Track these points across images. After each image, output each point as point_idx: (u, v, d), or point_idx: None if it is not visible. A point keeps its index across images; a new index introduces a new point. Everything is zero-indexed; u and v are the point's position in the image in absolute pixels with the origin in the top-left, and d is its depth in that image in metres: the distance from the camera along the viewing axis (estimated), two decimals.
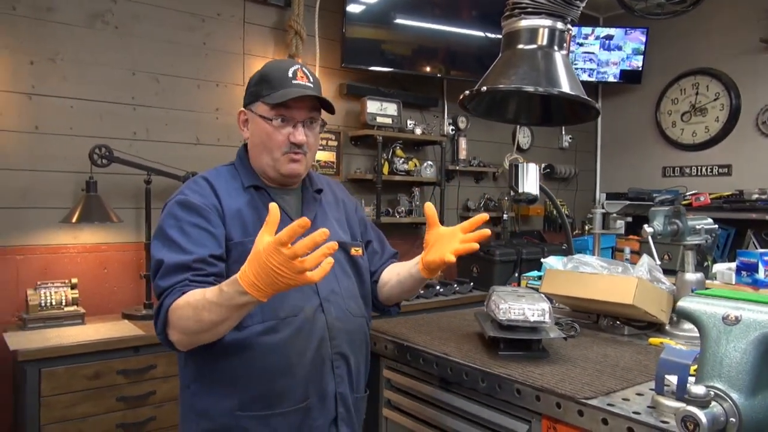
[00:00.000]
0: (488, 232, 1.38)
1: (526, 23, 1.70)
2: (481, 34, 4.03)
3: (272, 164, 1.41)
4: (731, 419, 0.79)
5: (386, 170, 3.76)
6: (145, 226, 2.86)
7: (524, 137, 4.74)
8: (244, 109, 1.44)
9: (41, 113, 2.73)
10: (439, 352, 1.53)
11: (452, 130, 4.26)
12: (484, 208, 4.40)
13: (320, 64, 3.58)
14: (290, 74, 1.38)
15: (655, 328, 1.76)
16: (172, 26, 3.09)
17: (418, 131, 3.88)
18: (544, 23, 1.68)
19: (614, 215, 2.16)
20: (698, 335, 0.90)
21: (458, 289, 3.60)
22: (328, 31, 3.63)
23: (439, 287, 3.51)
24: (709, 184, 4.43)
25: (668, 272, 1.85)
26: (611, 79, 4.79)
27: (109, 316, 2.80)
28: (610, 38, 4.72)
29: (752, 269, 1.90)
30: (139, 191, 2.90)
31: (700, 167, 4.59)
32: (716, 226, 1.84)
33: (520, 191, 1.88)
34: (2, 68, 2.64)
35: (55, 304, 2.58)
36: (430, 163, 4.00)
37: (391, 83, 3.91)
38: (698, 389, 0.79)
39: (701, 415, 0.77)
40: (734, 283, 1.99)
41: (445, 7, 3.93)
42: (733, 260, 2.02)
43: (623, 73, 4.78)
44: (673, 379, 1.11)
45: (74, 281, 2.68)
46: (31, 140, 2.71)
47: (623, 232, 2.28)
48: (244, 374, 1.30)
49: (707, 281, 1.86)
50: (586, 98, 1.68)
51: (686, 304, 0.90)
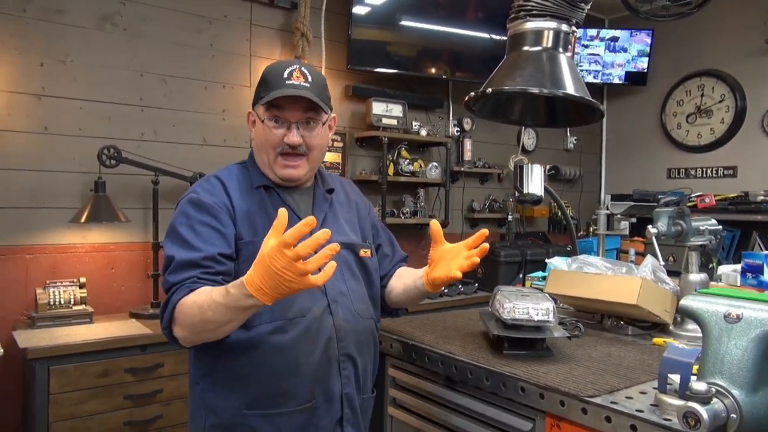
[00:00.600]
0: (487, 246, 1.40)
1: (531, 25, 1.71)
2: (486, 35, 4.05)
3: (270, 165, 1.43)
4: (732, 415, 0.80)
5: (391, 171, 3.77)
6: (152, 226, 2.89)
7: (529, 139, 4.75)
8: (251, 110, 1.47)
9: (51, 114, 2.76)
10: (444, 350, 1.54)
11: (457, 131, 4.27)
12: (488, 209, 4.41)
13: (326, 65, 3.60)
14: (285, 74, 1.38)
15: (659, 328, 1.76)
16: (179, 28, 3.12)
17: (423, 132, 3.90)
18: (549, 25, 1.70)
19: (618, 216, 2.16)
20: (702, 335, 0.92)
21: (463, 289, 3.61)
22: (334, 32, 3.65)
23: (444, 288, 3.52)
24: (714, 185, 4.43)
25: (673, 274, 1.86)
26: (616, 80, 4.79)
27: (116, 315, 2.83)
28: (615, 40, 4.72)
29: (757, 271, 1.91)
30: (146, 191, 2.93)
31: (705, 169, 4.59)
32: (720, 227, 1.84)
33: (524, 192, 1.89)
34: (13, 69, 2.67)
35: (63, 303, 2.61)
36: (435, 164, 4.01)
37: (396, 85, 3.93)
38: (700, 386, 0.80)
39: (703, 411, 0.78)
40: (739, 284, 1.99)
41: (450, 8, 3.94)
42: (738, 262, 2.02)
43: (628, 74, 4.78)
44: (676, 377, 1.12)
45: (83, 280, 2.71)
46: (40, 141, 2.74)
47: (628, 233, 2.29)
48: (251, 373, 1.32)
49: (712, 283, 1.87)
50: (590, 100, 1.69)
51: (688, 302, 0.91)
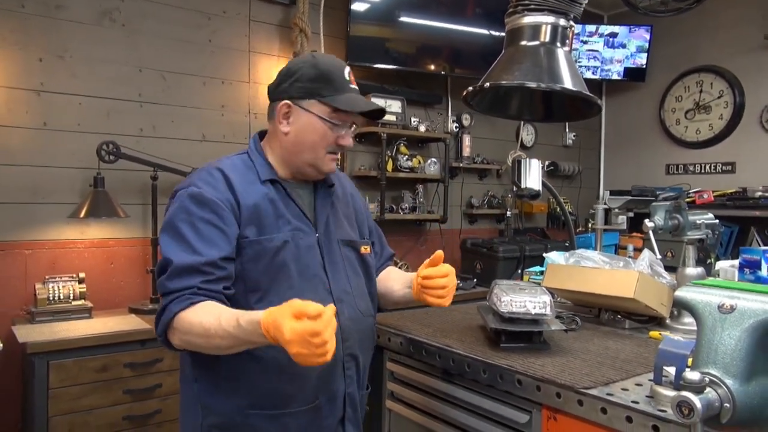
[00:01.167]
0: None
1: (529, 20, 1.72)
2: (485, 32, 4.05)
3: (314, 162, 1.38)
4: (725, 405, 0.81)
5: (390, 167, 3.78)
6: (151, 221, 2.89)
7: (528, 135, 4.75)
8: (289, 101, 1.37)
9: (50, 110, 2.76)
10: (441, 344, 1.55)
11: (456, 127, 4.27)
12: (487, 205, 4.41)
13: None
14: (346, 76, 1.38)
15: (655, 322, 1.77)
16: (178, 24, 3.12)
17: (422, 128, 3.90)
18: (546, 20, 1.71)
19: (616, 210, 2.17)
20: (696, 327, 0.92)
21: (461, 285, 3.62)
22: (333, 28, 3.65)
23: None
24: (712, 181, 4.44)
25: (671, 269, 1.87)
26: (615, 76, 4.80)
27: (116, 310, 2.83)
28: (614, 36, 4.72)
29: (755, 266, 1.91)
30: (145, 187, 2.93)
31: (703, 165, 4.60)
32: (717, 221, 1.85)
33: (522, 187, 1.90)
34: (12, 65, 2.67)
35: (62, 298, 2.62)
36: (434, 160, 4.01)
37: (395, 81, 3.93)
38: (693, 375, 0.81)
39: (696, 400, 0.79)
40: (737, 280, 2.00)
41: (449, 5, 3.94)
42: (736, 257, 2.03)
43: (627, 70, 4.78)
44: (671, 369, 1.13)
45: (82, 276, 2.71)
46: (39, 136, 2.74)
47: (626, 227, 2.29)
48: (256, 373, 1.30)
49: (710, 278, 1.88)
50: (587, 94, 1.70)
51: (683, 293, 0.92)
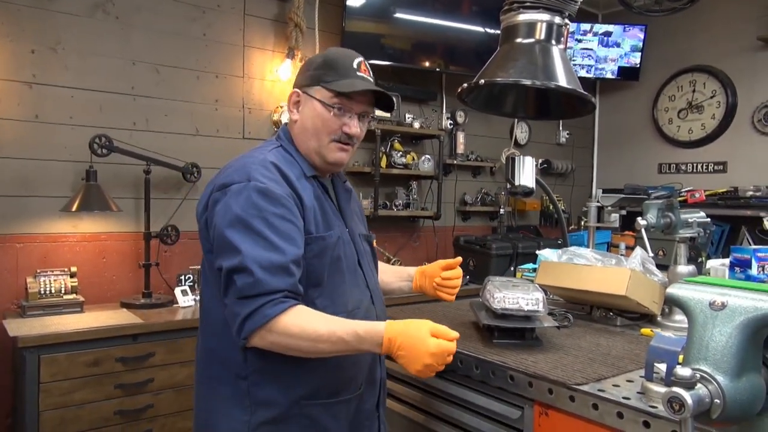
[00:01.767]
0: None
1: (524, 17, 1.72)
2: (480, 29, 4.05)
3: (318, 150, 1.38)
4: (716, 401, 0.81)
5: (384, 163, 3.78)
6: (144, 215, 2.88)
7: (522, 132, 4.76)
8: (298, 90, 1.40)
9: (42, 102, 2.74)
10: None
11: (450, 124, 4.28)
12: (480, 202, 4.42)
13: None
14: (355, 65, 1.37)
15: (647, 319, 1.79)
16: (172, 17, 3.10)
17: (416, 125, 3.90)
18: (542, 18, 1.71)
19: (609, 208, 2.18)
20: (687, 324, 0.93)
21: None
22: (328, 24, 3.64)
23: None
24: (704, 180, 4.47)
25: (662, 267, 1.88)
26: (609, 75, 4.81)
27: (107, 304, 2.82)
28: (608, 35, 4.74)
29: (745, 265, 1.93)
30: (138, 181, 2.92)
31: (695, 164, 4.62)
32: (709, 219, 1.87)
33: (516, 184, 1.90)
34: (3, 57, 2.64)
35: (54, 292, 2.60)
36: (428, 156, 4.02)
37: (390, 77, 3.93)
38: (684, 371, 0.81)
39: (687, 396, 0.79)
40: (728, 278, 2.02)
41: (444, 1, 3.94)
42: (727, 256, 2.04)
43: (621, 69, 4.80)
44: (662, 366, 1.13)
45: (73, 270, 2.70)
46: (31, 129, 2.72)
47: (618, 225, 2.31)
48: (314, 365, 1.29)
49: (701, 276, 1.89)
50: (582, 92, 1.70)
51: (675, 290, 0.93)
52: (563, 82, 1.68)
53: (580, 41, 4.72)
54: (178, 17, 3.12)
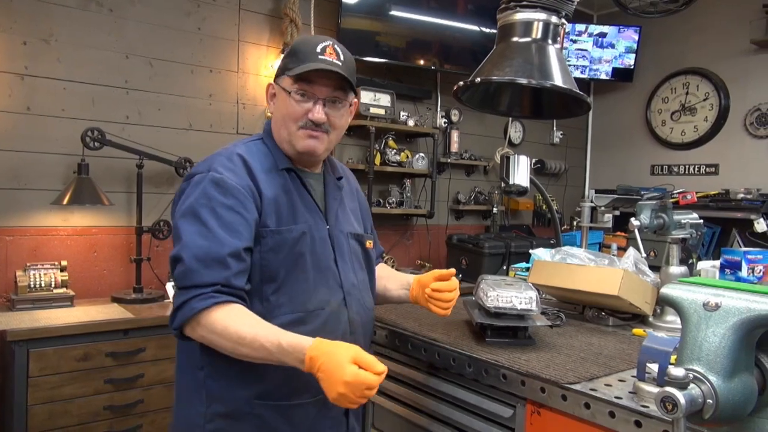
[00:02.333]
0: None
1: (521, 16, 1.72)
2: (475, 28, 4.05)
3: (288, 139, 1.36)
4: (708, 401, 0.81)
5: (378, 161, 3.77)
6: (136, 210, 2.86)
7: (516, 132, 4.77)
8: (272, 82, 1.41)
9: (33, 94, 2.71)
10: (427, 338, 1.55)
11: (445, 122, 4.28)
12: (474, 201, 4.43)
13: None
14: (318, 49, 1.33)
15: (639, 319, 1.79)
16: (166, 10, 3.08)
17: (410, 123, 3.90)
18: (539, 17, 1.71)
19: (602, 208, 2.19)
20: (680, 327, 0.93)
21: None
22: (323, 20, 3.63)
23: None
24: (696, 182, 4.49)
25: (654, 269, 1.89)
26: (603, 76, 4.83)
27: (98, 299, 2.80)
28: (603, 36, 4.75)
29: (736, 267, 1.94)
30: (130, 175, 2.90)
31: (688, 166, 4.65)
32: (701, 221, 1.88)
33: (510, 183, 1.90)
34: None
35: (44, 285, 2.58)
36: (422, 155, 4.01)
37: (385, 74, 3.92)
38: (678, 371, 0.81)
39: (680, 396, 0.80)
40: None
41: (440, 0, 3.94)
42: (717, 258, 2.06)
43: (615, 70, 4.81)
44: (654, 366, 1.14)
45: (64, 263, 2.68)
46: (22, 121, 2.69)
47: (611, 226, 2.32)
48: (265, 364, 1.25)
49: (695, 276, 1.90)
50: (578, 92, 1.70)
51: (669, 291, 0.93)
52: (559, 81, 1.68)
53: (575, 42, 4.74)
54: (172, 11, 3.09)
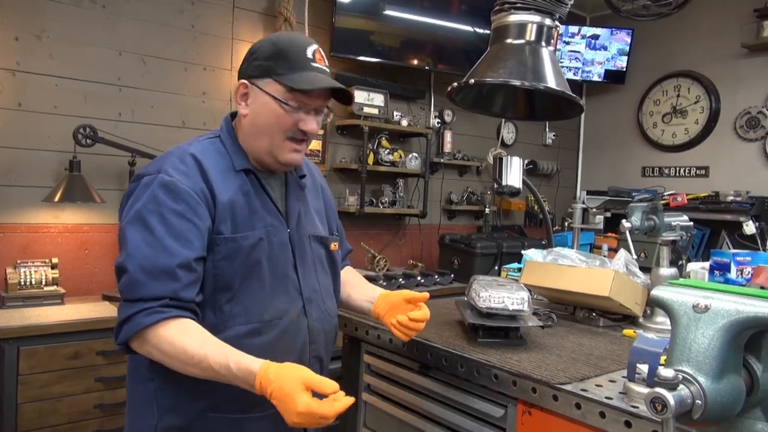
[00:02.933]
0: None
1: (515, 18, 1.73)
2: (469, 28, 4.06)
3: (270, 149, 1.27)
4: (697, 401, 0.82)
5: (371, 160, 3.77)
6: None
7: (508, 133, 4.79)
8: (246, 81, 1.27)
9: (25, 90, 2.69)
10: (419, 337, 1.55)
11: (438, 122, 4.28)
12: (466, 201, 4.44)
13: None
14: (309, 54, 1.24)
15: (629, 320, 1.81)
16: (160, 7, 3.06)
17: (404, 123, 3.90)
18: (532, 19, 1.72)
19: (594, 210, 2.20)
20: (670, 329, 0.94)
21: (439, 280, 3.64)
22: (317, 19, 3.63)
23: (420, 278, 3.54)
24: (686, 184, 4.52)
25: (644, 269, 1.91)
26: (596, 78, 4.85)
27: (89, 297, 2.79)
28: (596, 38, 4.78)
29: (725, 269, 1.96)
30: (123, 172, 2.88)
31: (678, 168, 4.68)
32: (691, 223, 1.89)
33: (503, 184, 1.91)
34: None
35: (34, 283, 2.57)
36: (415, 154, 4.02)
37: (379, 74, 3.92)
38: (667, 372, 0.82)
39: (669, 396, 0.80)
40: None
41: (434, 0, 3.95)
42: (707, 260, 2.08)
43: (608, 72, 4.84)
44: (644, 367, 1.15)
45: (55, 261, 2.66)
46: (14, 117, 2.67)
47: (602, 227, 2.33)
48: None
49: (684, 278, 1.92)
50: (570, 94, 1.72)
51: (659, 292, 0.94)
52: (552, 83, 1.69)
53: (567, 43, 4.76)
54: (166, 8, 3.08)
